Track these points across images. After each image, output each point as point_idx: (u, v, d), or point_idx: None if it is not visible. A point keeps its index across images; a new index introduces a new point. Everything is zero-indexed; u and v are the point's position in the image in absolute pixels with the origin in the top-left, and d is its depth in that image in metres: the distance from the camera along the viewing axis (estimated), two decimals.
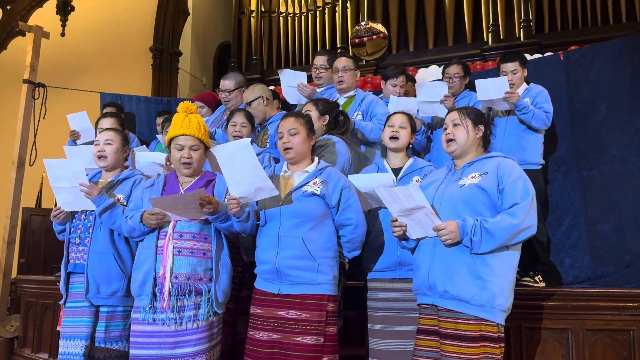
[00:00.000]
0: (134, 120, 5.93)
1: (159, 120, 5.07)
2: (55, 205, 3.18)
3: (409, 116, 3.21)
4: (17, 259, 6.15)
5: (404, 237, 2.61)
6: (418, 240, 2.60)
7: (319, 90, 4.25)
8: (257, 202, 2.78)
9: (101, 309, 3.08)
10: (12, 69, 8.21)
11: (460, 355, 2.34)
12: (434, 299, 2.48)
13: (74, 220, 3.23)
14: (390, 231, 2.73)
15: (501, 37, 7.54)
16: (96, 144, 3.28)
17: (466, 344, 2.34)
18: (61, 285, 3.20)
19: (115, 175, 3.25)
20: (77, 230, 3.19)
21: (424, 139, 4.18)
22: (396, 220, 2.58)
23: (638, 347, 3.10)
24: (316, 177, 2.79)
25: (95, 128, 4.18)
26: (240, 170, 2.60)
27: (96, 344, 3.04)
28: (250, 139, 3.24)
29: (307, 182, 2.78)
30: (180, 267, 2.72)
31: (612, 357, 3.13)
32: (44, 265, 6.21)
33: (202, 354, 2.68)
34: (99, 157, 3.23)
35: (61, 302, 3.21)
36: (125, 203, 3.10)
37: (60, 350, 3.09)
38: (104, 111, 5.01)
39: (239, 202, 2.62)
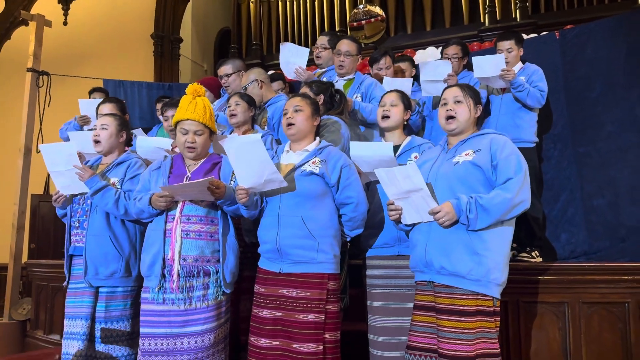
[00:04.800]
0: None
1: (159, 106, 5.09)
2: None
3: (401, 93, 3.16)
4: (27, 245, 6.27)
5: (400, 220, 2.62)
6: (413, 224, 2.60)
7: (319, 71, 4.25)
8: None
9: (101, 289, 3.15)
10: (16, 58, 8.24)
11: (457, 330, 2.36)
12: (431, 275, 2.49)
13: (73, 205, 3.30)
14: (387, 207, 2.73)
15: (498, 18, 7.54)
16: (94, 129, 3.35)
17: (462, 319, 2.36)
18: (65, 267, 3.28)
19: (113, 159, 3.30)
20: (77, 214, 3.26)
21: (418, 119, 4.17)
22: (392, 204, 2.59)
23: (633, 319, 3.17)
24: (315, 157, 2.80)
25: (96, 113, 4.22)
26: (250, 163, 2.61)
27: (97, 324, 3.11)
28: (261, 134, 3.23)
29: (307, 162, 2.79)
30: (188, 249, 2.77)
31: (607, 329, 3.20)
32: (53, 250, 6.30)
33: (210, 332, 2.75)
34: (95, 142, 3.30)
35: (64, 284, 3.29)
36: (119, 186, 3.16)
37: (64, 329, 3.18)
38: (95, 96, 5.05)
39: (247, 192, 2.66)
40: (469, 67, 4.43)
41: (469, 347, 2.34)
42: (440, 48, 4.73)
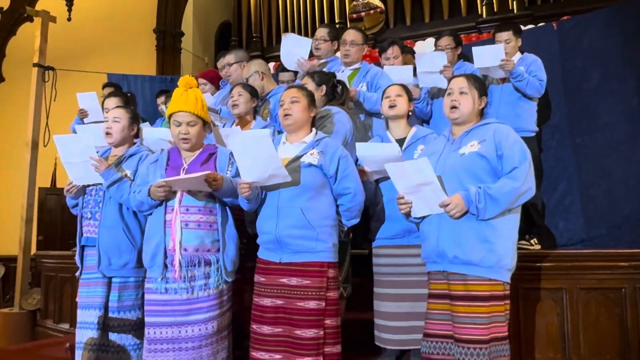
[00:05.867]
0: (134, 99, 6.02)
1: (159, 100, 5.14)
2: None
3: (404, 86, 3.24)
4: (35, 236, 6.36)
5: (410, 214, 2.64)
6: (422, 217, 2.63)
7: (321, 61, 4.25)
8: None
9: (113, 279, 3.15)
10: (22, 54, 8.28)
11: (472, 314, 2.42)
12: (444, 265, 2.53)
13: (85, 196, 3.30)
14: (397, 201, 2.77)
15: (495, 10, 7.57)
16: (105, 122, 3.36)
17: (477, 304, 2.43)
18: (77, 257, 3.30)
19: (123, 152, 3.31)
20: (89, 205, 3.27)
21: (426, 107, 4.21)
22: (402, 198, 2.61)
23: (630, 304, 3.21)
24: (313, 148, 2.82)
25: (102, 108, 4.24)
26: (255, 158, 2.61)
27: (110, 314, 3.13)
28: (269, 130, 3.24)
29: (305, 153, 2.81)
30: (189, 239, 2.79)
31: (604, 315, 3.24)
32: (60, 241, 6.35)
33: (213, 320, 2.79)
34: (106, 134, 3.30)
35: (77, 274, 3.31)
36: (132, 178, 3.16)
37: (78, 319, 3.21)
38: (106, 91, 5.04)
39: (250, 186, 2.67)
40: (464, 57, 4.45)
41: (485, 330, 2.41)
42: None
